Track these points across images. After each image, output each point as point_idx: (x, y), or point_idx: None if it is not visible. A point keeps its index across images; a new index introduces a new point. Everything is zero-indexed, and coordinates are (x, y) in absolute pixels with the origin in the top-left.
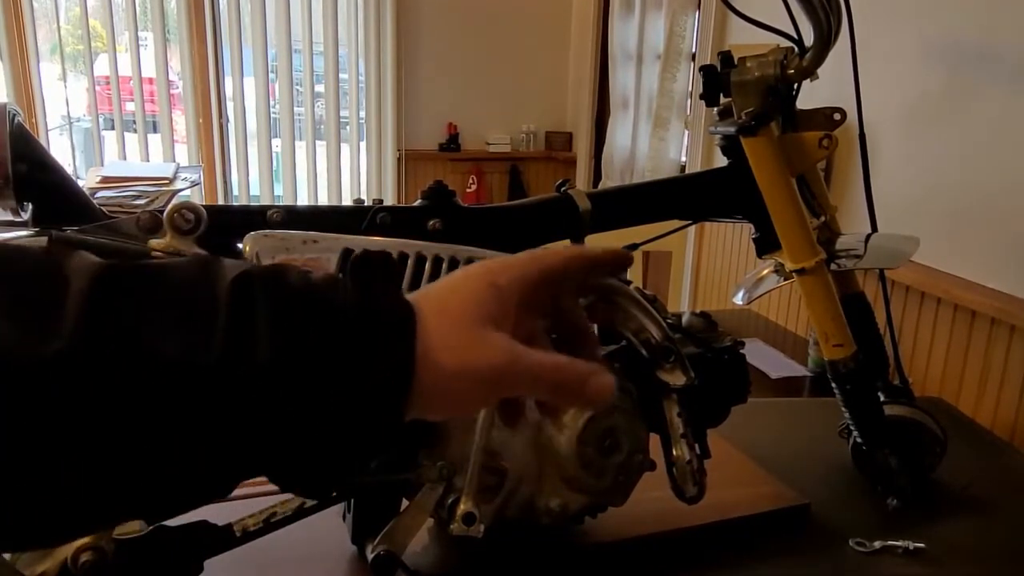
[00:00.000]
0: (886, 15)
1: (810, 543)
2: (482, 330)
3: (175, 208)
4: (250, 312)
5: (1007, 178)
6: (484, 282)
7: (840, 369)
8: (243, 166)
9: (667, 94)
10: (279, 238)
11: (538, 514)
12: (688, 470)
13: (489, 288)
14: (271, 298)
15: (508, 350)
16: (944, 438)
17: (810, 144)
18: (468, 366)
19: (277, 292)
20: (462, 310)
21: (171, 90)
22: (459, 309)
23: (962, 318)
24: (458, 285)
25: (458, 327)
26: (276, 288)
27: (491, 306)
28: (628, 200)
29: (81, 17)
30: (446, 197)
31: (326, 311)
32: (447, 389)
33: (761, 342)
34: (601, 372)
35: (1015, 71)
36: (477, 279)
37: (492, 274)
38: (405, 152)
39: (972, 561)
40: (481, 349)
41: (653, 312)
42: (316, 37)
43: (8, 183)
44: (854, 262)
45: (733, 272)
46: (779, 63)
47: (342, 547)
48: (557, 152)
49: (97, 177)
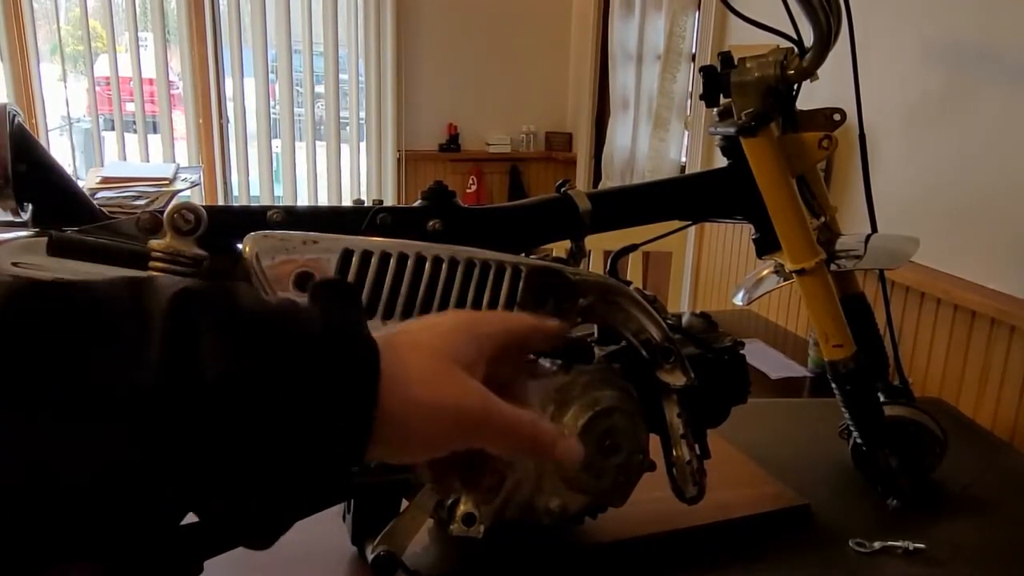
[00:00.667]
0: (886, 16)
1: (810, 543)
2: (457, 370)
3: (175, 208)
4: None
5: (1007, 178)
6: (461, 327)
7: (840, 369)
8: (243, 166)
9: (667, 94)
10: (279, 238)
11: (538, 515)
12: (688, 471)
13: (467, 334)
14: (215, 317)
15: (484, 396)
16: (944, 438)
17: (810, 145)
18: (440, 401)
19: (223, 311)
20: (438, 347)
21: (171, 90)
22: (434, 345)
23: (962, 319)
24: (434, 324)
25: (432, 361)
26: (222, 306)
27: (468, 350)
28: (628, 200)
29: (81, 17)
30: (446, 198)
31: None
32: (413, 424)
33: (761, 343)
34: (566, 437)
35: (1015, 71)
36: (454, 322)
37: (469, 323)
38: (405, 152)
39: (972, 562)
40: (455, 387)
41: (653, 313)
42: (316, 37)
43: (8, 183)
44: (854, 262)
45: (733, 272)
46: (779, 64)
47: (342, 547)
48: (557, 152)
49: (97, 177)
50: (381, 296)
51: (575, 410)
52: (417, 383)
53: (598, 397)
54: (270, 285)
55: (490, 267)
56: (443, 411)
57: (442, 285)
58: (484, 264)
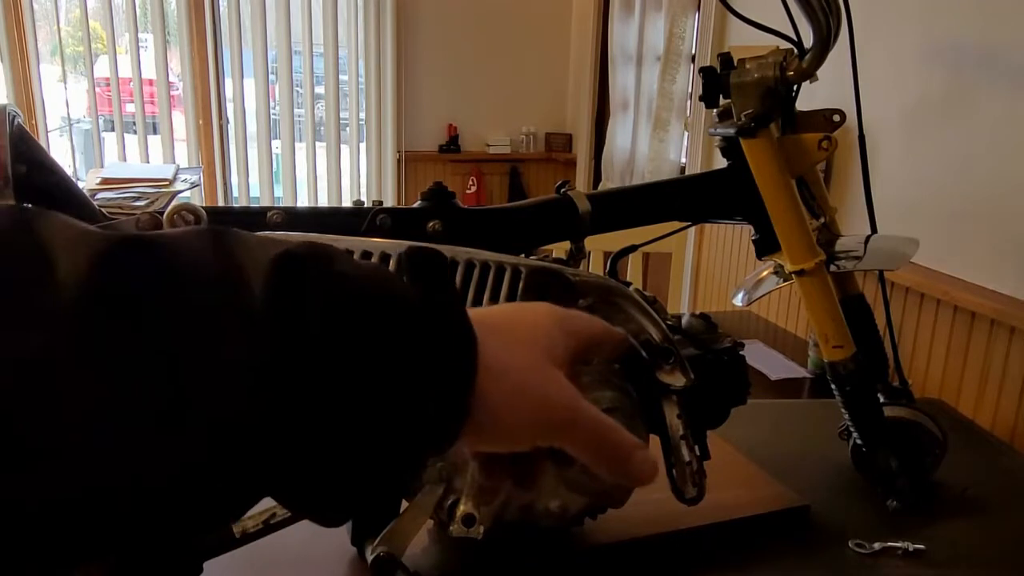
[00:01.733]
0: (886, 17)
1: (810, 545)
2: (551, 364)
3: (175, 209)
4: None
5: (1007, 180)
6: (552, 321)
7: (840, 370)
8: (243, 167)
9: (667, 95)
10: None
11: (538, 516)
12: (688, 472)
13: (559, 330)
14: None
15: (575, 395)
16: (944, 439)
17: (810, 146)
18: (534, 393)
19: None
20: (536, 338)
21: (171, 91)
22: (532, 337)
23: (962, 319)
24: (524, 315)
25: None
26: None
27: (560, 345)
28: (628, 201)
29: (81, 19)
30: (446, 199)
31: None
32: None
33: (761, 343)
34: (646, 449)
35: (1015, 73)
36: (546, 316)
37: (562, 319)
38: (405, 153)
39: (972, 563)
40: (550, 382)
41: (653, 313)
42: (316, 39)
43: (8, 184)
44: (854, 263)
45: (733, 273)
46: (779, 65)
47: (342, 548)
48: (557, 153)
49: (97, 178)
50: None
51: None
52: (515, 372)
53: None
54: None
55: (490, 268)
56: (537, 404)
57: None
58: (484, 265)
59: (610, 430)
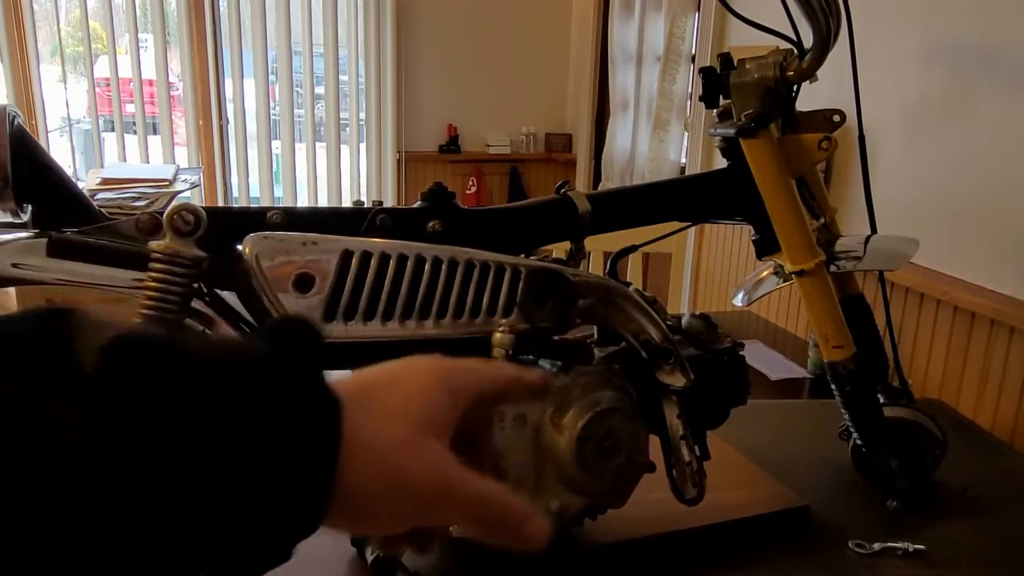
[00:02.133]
0: (886, 17)
1: (810, 545)
2: (425, 440)
3: (175, 210)
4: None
5: (1007, 180)
6: (435, 385)
7: (840, 371)
8: (243, 168)
9: (667, 96)
10: (279, 240)
11: None
12: (688, 472)
13: (441, 391)
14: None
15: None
16: (944, 440)
17: (810, 146)
18: (404, 476)
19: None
20: (408, 412)
21: (171, 92)
22: (405, 410)
23: (962, 320)
24: (403, 377)
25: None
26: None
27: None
28: (628, 202)
29: (81, 19)
30: (446, 199)
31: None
32: (372, 500)
33: (761, 344)
34: (537, 515)
35: (1015, 73)
36: (427, 378)
37: (445, 376)
38: (405, 154)
39: (972, 563)
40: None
41: (653, 314)
42: (316, 39)
43: (8, 185)
44: (854, 264)
45: (733, 274)
46: (778, 65)
47: (341, 549)
48: (557, 154)
49: (97, 179)
50: (381, 297)
51: (574, 411)
52: (382, 454)
53: (598, 398)
54: (270, 286)
55: (490, 268)
56: (407, 488)
57: (442, 286)
58: (484, 265)
59: (494, 501)
